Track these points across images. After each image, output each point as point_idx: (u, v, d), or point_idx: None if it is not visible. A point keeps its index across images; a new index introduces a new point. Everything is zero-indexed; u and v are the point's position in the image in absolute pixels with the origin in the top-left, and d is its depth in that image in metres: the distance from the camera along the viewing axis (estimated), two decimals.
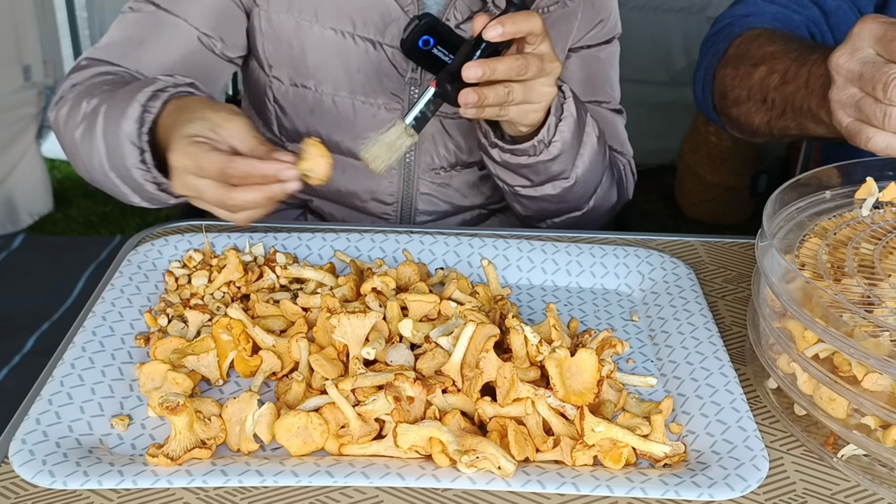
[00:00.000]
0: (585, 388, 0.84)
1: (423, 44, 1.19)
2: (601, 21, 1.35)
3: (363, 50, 1.24)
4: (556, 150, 1.17)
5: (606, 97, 1.39)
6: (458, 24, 1.24)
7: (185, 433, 0.79)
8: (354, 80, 1.25)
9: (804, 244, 0.93)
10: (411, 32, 1.19)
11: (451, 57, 1.19)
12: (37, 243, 3.02)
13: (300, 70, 1.26)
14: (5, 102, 3.00)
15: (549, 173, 1.21)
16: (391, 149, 1.06)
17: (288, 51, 1.26)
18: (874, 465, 0.83)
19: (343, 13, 1.23)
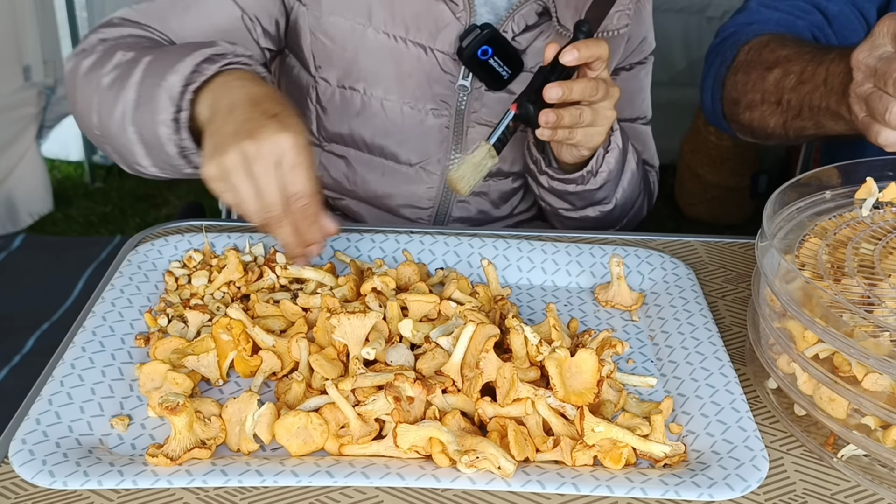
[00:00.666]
0: (585, 388, 0.84)
1: (481, 53, 1.21)
2: (644, 38, 1.38)
3: (415, 55, 1.23)
4: (602, 180, 1.21)
5: (642, 113, 1.43)
6: (513, 36, 1.24)
7: (185, 433, 0.79)
8: (405, 84, 1.25)
9: (804, 244, 0.93)
10: (472, 41, 1.20)
11: (505, 68, 1.23)
12: (37, 243, 3.02)
13: (351, 73, 1.25)
14: (5, 102, 3.00)
15: (592, 199, 1.25)
16: (476, 169, 1.09)
17: (340, 53, 1.25)
18: (874, 465, 0.83)
19: (397, 18, 1.22)
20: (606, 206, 1.27)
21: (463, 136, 1.29)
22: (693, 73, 3.36)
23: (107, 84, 1.08)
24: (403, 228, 1.18)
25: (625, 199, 1.28)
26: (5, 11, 2.93)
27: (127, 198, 3.32)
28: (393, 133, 1.28)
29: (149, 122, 1.04)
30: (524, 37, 1.25)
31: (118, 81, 1.07)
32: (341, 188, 1.35)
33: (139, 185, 3.39)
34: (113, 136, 1.09)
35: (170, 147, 1.04)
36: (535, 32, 1.25)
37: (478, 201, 1.36)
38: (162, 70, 1.03)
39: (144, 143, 1.06)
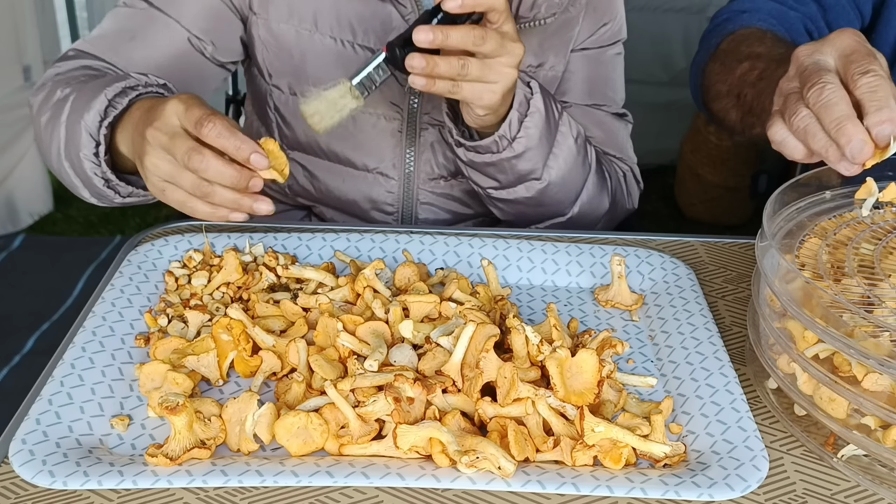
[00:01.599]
0: (586, 388, 0.84)
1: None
2: (605, 24, 1.34)
3: (364, 59, 1.23)
4: (522, 147, 1.15)
5: (607, 100, 1.38)
6: None
7: (185, 433, 0.79)
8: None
9: (804, 244, 0.93)
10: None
11: None
12: (37, 243, 3.02)
13: (300, 79, 1.26)
14: (5, 102, 3.00)
15: (516, 172, 1.19)
16: (333, 107, 1.02)
17: (288, 60, 1.25)
18: (874, 465, 0.83)
19: (344, 22, 1.22)
20: (537, 182, 1.20)
21: (416, 139, 1.28)
22: None
23: (44, 122, 1.14)
24: (404, 229, 1.18)
25: (563, 177, 1.22)
26: (5, 11, 2.93)
27: None
28: (347, 139, 1.28)
29: (76, 158, 1.08)
30: None
31: (52, 120, 1.12)
32: (310, 195, 1.36)
33: None
34: (56, 171, 1.15)
35: (96, 180, 1.08)
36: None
37: (444, 202, 1.35)
38: (81, 107, 1.07)
39: (79, 178, 1.11)
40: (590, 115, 1.35)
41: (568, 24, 1.30)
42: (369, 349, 0.89)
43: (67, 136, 1.09)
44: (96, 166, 1.07)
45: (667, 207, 3.41)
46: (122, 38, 1.23)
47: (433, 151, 1.30)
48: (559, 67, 1.31)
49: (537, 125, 1.15)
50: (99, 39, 1.24)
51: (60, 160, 1.11)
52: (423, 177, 1.32)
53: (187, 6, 1.23)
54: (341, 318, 0.92)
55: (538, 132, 1.16)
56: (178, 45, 1.23)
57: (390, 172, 1.30)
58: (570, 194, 1.25)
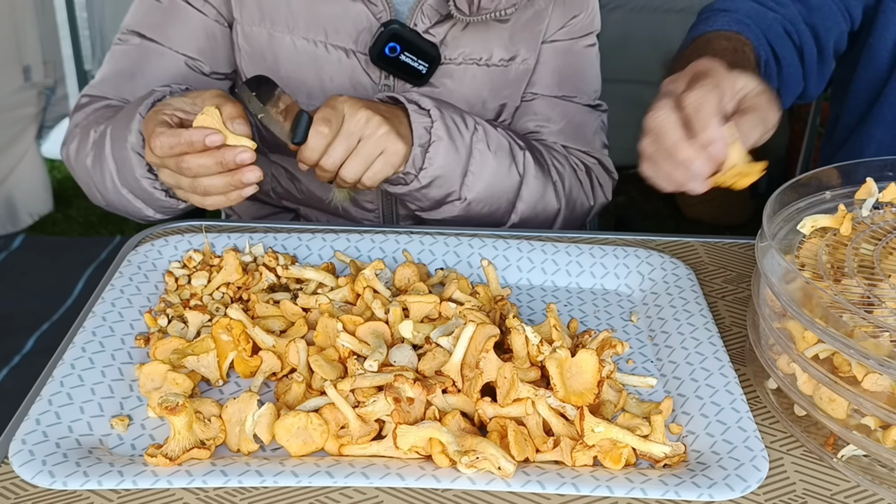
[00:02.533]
0: (586, 388, 0.84)
1: (389, 51, 1.20)
2: (575, 16, 1.33)
3: (336, 59, 1.24)
4: (429, 177, 1.16)
5: (577, 92, 1.36)
6: (426, 28, 1.23)
7: (185, 433, 0.79)
8: (328, 89, 1.25)
9: (804, 244, 0.93)
10: (377, 40, 1.19)
11: (420, 63, 1.21)
12: (37, 243, 3.02)
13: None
14: (5, 102, 3.00)
15: (431, 198, 1.20)
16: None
17: (262, 63, 1.26)
18: (874, 465, 0.83)
19: (316, 22, 1.22)
20: (459, 202, 1.21)
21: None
22: None
23: (90, 164, 1.17)
24: (404, 229, 1.18)
25: (488, 192, 1.21)
26: (5, 11, 2.93)
27: None
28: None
29: (132, 180, 1.12)
30: (439, 29, 1.23)
31: (97, 158, 1.16)
32: (292, 197, 1.36)
33: None
34: (116, 202, 1.18)
35: (157, 193, 1.12)
36: (451, 23, 1.23)
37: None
38: (122, 133, 1.11)
39: (140, 199, 1.14)
40: (558, 106, 1.34)
41: (537, 17, 1.29)
42: (369, 349, 0.89)
43: (118, 166, 1.13)
44: (153, 180, 1.11)
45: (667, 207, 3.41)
46: (123, 77, 1.26)
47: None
48: (531, 60, 1.31)
49: (443, 153, 1.16)
50: (102, 84, 1.28)
51: (118, 190, 1.15)
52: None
53: (177, 32, 1.25)
54: (341, 319, 0.92)
55: (445, 159, 1.16)
56: (177, 70, 1.25)
57: None
58: (500, 205, 1.25)
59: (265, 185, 1.39)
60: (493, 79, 1.29)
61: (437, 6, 1.23)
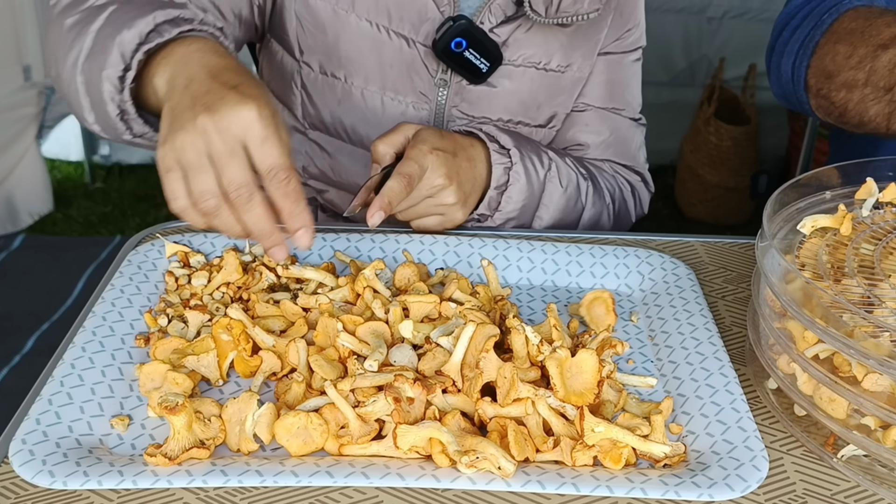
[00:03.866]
0: (586, 388, 0.84)
1: (455, 46, 1.20)
2: (629, 30, 1.35)
3: (397, 46, 1.23)
4: (503, 218, 1.20)
5: (624, 105, 1.38)
6: (492, 27, 1.23)
7: (184, 433, 0.79)
8: (386, 75, 1.25)
9: (804, 244, 0.93)
10: (444, 34, 1.19)
11: (483, 61, 1.21)
12: (37, 243, 3.02)
13: (332, 58, 1.25)
14: (5, 102, 3.00)
15: (504, 228, 1.22)
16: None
17: (322, 38, 1.24)
18: (874, 465, 0.83)
19: (381, 6, 1.21)
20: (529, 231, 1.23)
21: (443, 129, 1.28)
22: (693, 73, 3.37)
23: (69, 25, 1.01)
24: (404, 229, 1.18)
25: (554, 222, 1.25)
26: (5, 11, 2.94)
27: (127, 198, 3.33)
28: (373, 123, 1.27)
29: (96, 74, 0.96)
30: (503, 29, 1.23)
31: (79, 25, 1.00)
32: (326, 178, 1.34)
33: (139, 185, 3.39)
34: (64, 82, 1.01)
35: (110, 106, 0.96)
36: (515, 24, 1.24)
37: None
38: (121, 22, 0.95)
39: (90, 97, 0.98)
40: (607, 119, 1.36)
41: (596, 27, 1.30)
42: (369, 349, 0.89)
43: (93, 48, 0.96)
44: (117, 92, 0.95)
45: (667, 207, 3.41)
46: None
47: None
48: (585, 70, 1.32)
49: (519, 194, 1.19)
50: None
51: (74, 71, 0.98)
52: None
53: None
54: (341, 318, 0.92)
55: (521, 200, 1.19)
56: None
57: None
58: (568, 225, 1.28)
59: (297, 162, 1.35)
60: (549, 84, 1.29)
61: (504, 6, 1.23)
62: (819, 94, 1.19)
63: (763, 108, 3.27)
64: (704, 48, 3.31)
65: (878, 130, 1.14)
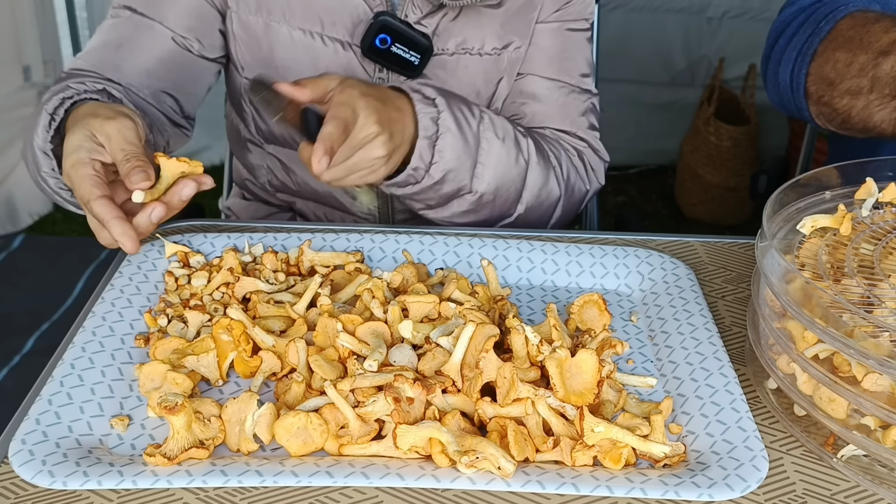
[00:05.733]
0: (585, 388, 0.84)
1: (380, 42, 1.19)
2: (569, 2, 1.31)
3: (332, 50, 1.24)
4: (440, 172, 1.14)
5: (564, 73, 1.33)
6: (417, 19, 1.23)
7: (184, 433, 0.79)
8: None
9: (804, 244, 0.93)
10: (367, 32, 1.19)
11: (412, 54, 1.20)
12: (37, 243, 3.02)
13: (269, 71, 1.26)
14: (5, 102, 3.00)
15: (442, 194, 1.17)
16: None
17: (257, 52, 1.26)
18: (874, 465, 0.83)
19: (312, 13, 1.22)
20: (469, 195, 1.18)
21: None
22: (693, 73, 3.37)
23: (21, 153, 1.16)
24: (403, 229, 1.18)
25: (498, 182, 1.19)
26: (5, 11, 2.93)
27: None
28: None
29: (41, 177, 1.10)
30: (430, 20, 1.23)
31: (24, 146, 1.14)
32: (289, 189, 1.36)
33: None
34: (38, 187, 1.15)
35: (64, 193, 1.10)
36: (441, 13, 1.23)
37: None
38: (31, 128, 1.10)
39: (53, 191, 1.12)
40: (545, 86, 1.32)
41: (530, 4, 1.28)
42: (369, 349, 0.89)
43: (30, 159, 1.12)
44: (58, 180, 1.08)
45: (667, 207, 3.41)
46: (109, 49, 1.24)
47: None
48: (523, 49, 1.30)
49: (452, 145, 1.13)
50: (88, 55, 1.25)
51: (38, 181, 1.13)
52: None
53: (169, 7, 1.24)
54: (341, 319, 0.92)
55: (455, 151, 1.13)
56: (165, 46, 1.24)
57: None
58: (509, 196, 1.22)
59: (261, 177, 1.39)
60: (486, 68, 1.28)
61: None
62: (820, 101, 1.19)
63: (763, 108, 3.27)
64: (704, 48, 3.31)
65: (885, 134, 1.13)
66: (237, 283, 1.02)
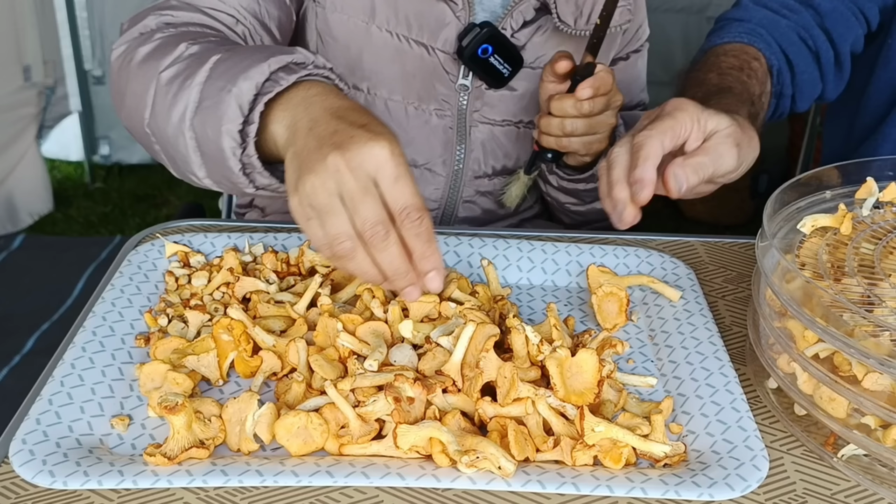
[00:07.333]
0: (586, 388, 0.84)
1: (482, 52, 1.20)
2: (640, 27, 1.37)
3: (418, 54, 1.23)
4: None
5: (641, 100, 1.43)
6: (512, 33, 1.24)
7: (184, 433, 0.79)
8: (409, 84, 1.25)
9: (804, 244, 0.93)
10: (473, 40, 1.20)
11: (506, 66, 1.23)
12: (37, 243, 3.02)
13: (355, 72, 1.25)
14: (5, 102, 3.00)
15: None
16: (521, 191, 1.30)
17: (344, 51, 1.24)
18: (874, 465, 0.83)
19: (400, 16, 1.22)
20: None
21: (466, 136, 1.29)
22: None
23: (167, 79, 0.95)
24: None
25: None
26: (5, 11, 2.94)
27: (127, 198, 3.33)
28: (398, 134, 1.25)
29: (212, 130, 0.91)
30: (522, 32, 1.25)
31: (180, 78, 0.94)
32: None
33: (139, 185, 3.39)
34: (167, 138, 0.97)
35: (232, 161, 0.91)
36: (534, 28, 1.25)
37: (484, 201, 1.36)
38: (233, 73, 0.91)
39: (203, 153, 0.94)
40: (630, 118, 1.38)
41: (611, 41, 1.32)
42: (369, 349, 0.89)
43: (203, 103, 0.92)
44: (238, 146, 0.90)
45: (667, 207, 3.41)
46: None
47: (483, 149, 1.31)
48: None
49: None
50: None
51: (182, 127, 0.93)
52: (469, 174, 1.32)
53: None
54: (341, 318, 0.92)
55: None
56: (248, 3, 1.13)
57: (438, 169, 1.30)
58: None
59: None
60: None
61: (524, 11, 1.23)
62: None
63: None
64: None
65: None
66: (237, 282, 1.02)
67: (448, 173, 1.31)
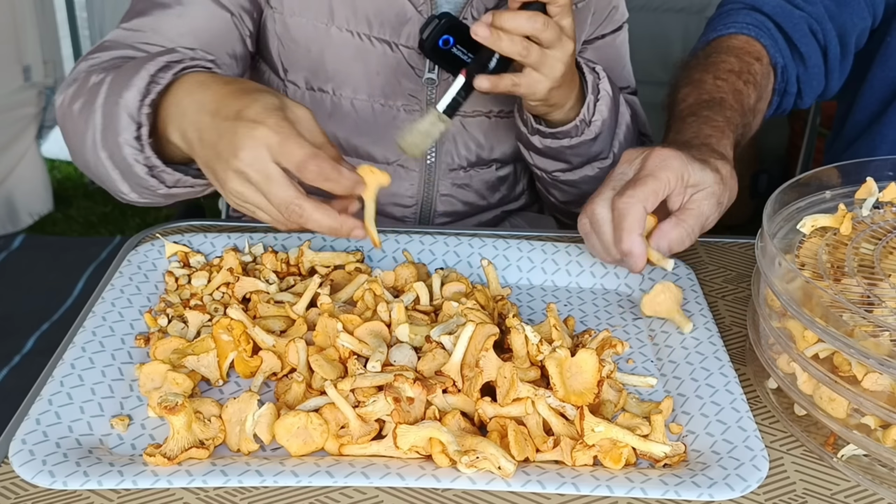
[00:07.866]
0: (586, 388, 0.84)
1: (443, 43, 1.19)
2: (613, 7, 1.35)
3: (381, 52, 1.23)
4: (596, 129, 1.19)
5: (626, 83, 1.40)
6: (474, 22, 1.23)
7: (184, 433, 0.79)
8: (374, 82, 1.24)
9: (804, 244, 0.93)
10: (432, 32, 1.19)
11: (470, 56, 1.20)
12: (37, 243, 3.02)
13: (318, 74, 1.25)
14: (5, 102, 3.00)
15: (588, 154, 1.22)
16: (426, 136, 1.08)
17: (305, 54, 1.24)
18: (874, 465, 0.83)
19: (359, 15, 1.21)
20: (604, 161, 1.24)
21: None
22: None
23: (77, 111, 1.04)
24: (403, 228, 1.18)
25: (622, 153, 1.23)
26: (5, 11, 2.94)
27: None
28: (367, 132, 1.27)
29: (115, 145, 0.98)
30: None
31: (87, 107, 1.02)
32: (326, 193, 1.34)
33: None
34: (91, 166, 1.05)
35: (138, 168, 0.98)
36: None
37: (462, 193, 1.34)
38: (120, 87, 0.98)
39: (118, 168, 1.01)
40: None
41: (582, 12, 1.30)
42: (369, 349, 0.89)
43: (104, 122, 0.99)
44: (138, 151, 0.97)
45: None
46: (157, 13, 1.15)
47: (454, 142, 1.30)
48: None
49: (608, 106, 1.20)
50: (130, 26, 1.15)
51: (96, 151, 1.01)
52: (443, 168, 1.31)
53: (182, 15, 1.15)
54: (341, 319, 0.92)
55: (608, 113, 1.20)
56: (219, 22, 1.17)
57: (411, 164, 1.30)
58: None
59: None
60: None
61: (486, 1, 1.22)
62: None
63: None
64: None
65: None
66: (237, 283, 1.02)
67: (421, 168, 1.30)
